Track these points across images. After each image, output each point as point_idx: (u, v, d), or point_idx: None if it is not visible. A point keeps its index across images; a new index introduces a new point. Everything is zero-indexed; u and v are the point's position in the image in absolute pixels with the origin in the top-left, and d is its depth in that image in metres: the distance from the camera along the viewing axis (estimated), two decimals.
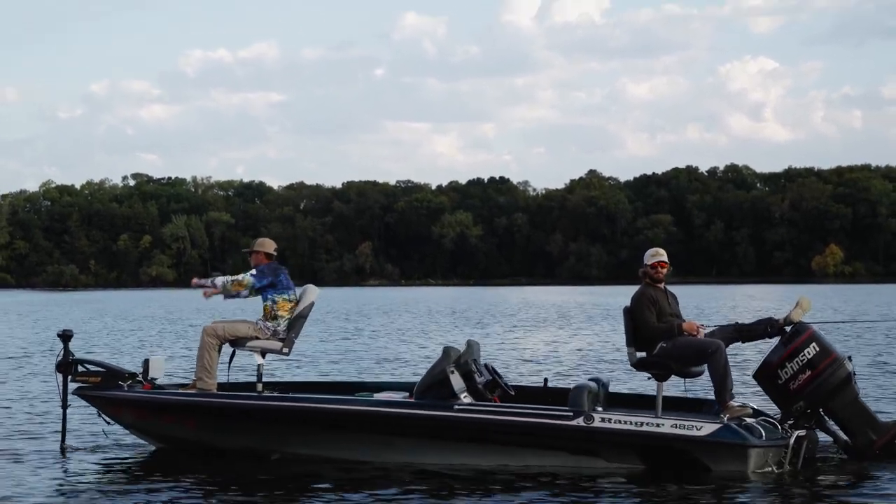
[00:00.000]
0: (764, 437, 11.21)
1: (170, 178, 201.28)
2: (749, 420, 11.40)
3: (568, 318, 47.98)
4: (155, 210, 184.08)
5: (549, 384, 13.47)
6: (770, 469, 11.22)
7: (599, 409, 11.59)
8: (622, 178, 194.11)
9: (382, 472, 11.39)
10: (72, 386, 12.66)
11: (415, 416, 11.70)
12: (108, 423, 12.90)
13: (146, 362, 12.81)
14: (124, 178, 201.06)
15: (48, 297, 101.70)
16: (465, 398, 11.61)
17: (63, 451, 12.67)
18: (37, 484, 11.08)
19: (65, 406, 12.70)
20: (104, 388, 12.53)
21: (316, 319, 39.85)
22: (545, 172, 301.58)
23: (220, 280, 12.65)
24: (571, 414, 11.35)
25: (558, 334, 35.80)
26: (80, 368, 12.66)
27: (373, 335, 35.77)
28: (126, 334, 37.43)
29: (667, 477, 11.06)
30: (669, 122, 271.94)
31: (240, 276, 12.63)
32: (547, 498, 10.38)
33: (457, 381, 11.63)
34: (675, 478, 11.02)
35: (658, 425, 11.24)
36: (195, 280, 12.93)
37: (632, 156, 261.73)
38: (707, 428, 11.13)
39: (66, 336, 12.59)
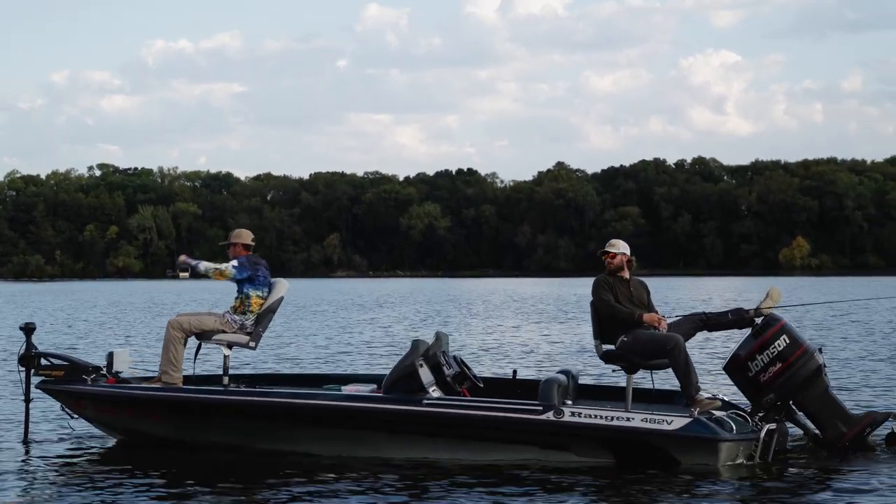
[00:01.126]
0: (734, 431, 11.13)
1: (136, 169, 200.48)
2: (719, 413, 11.31)
3: (537, 309, 47.99)
4: (121, 200, 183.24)
5: (518, 376, 13.37)
6: (741, 462, 11.18)
7: (569, 402, 11.51)
8: (587, 171, 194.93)
9: (350, 467, 11.22)
10: (35, 380, 12.47)
11: (382, 411, 11.56)
12: (72, 417, 12.71)
13: (110, 355, 12.66)
14: (90, 168, 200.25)
15: (15, 288, 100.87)
16: (434, 391, 11.50)
17: (26, 444, 12.48)
18: None
19: (27, 399, 12.49)
20: (67, 381, 12.36)
21: (286, 311, 39.62)
22: (508, 164, 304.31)
23: (202, 266, 12.50)
24: (541, 408, 11.24)
25: (527, 326, 35.79)
26: (44, 362, 12.46)
27: (341, 327, 35.61)
28: (92, 326, 37.12)
29: (637, 471, 10.97)
30: (632, 115, 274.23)
31: (222, 266, 12.47)
32: (516, 492, 10.26)
33: (425, 374, 11.52)
34: (645, 472, 10.94)
35: (628, 419, 11.16)
36: (183, 257, 12.75)
37: (595, 148, 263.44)
38: (677, 422, 11.05)
39: (28, 329, 12.38)
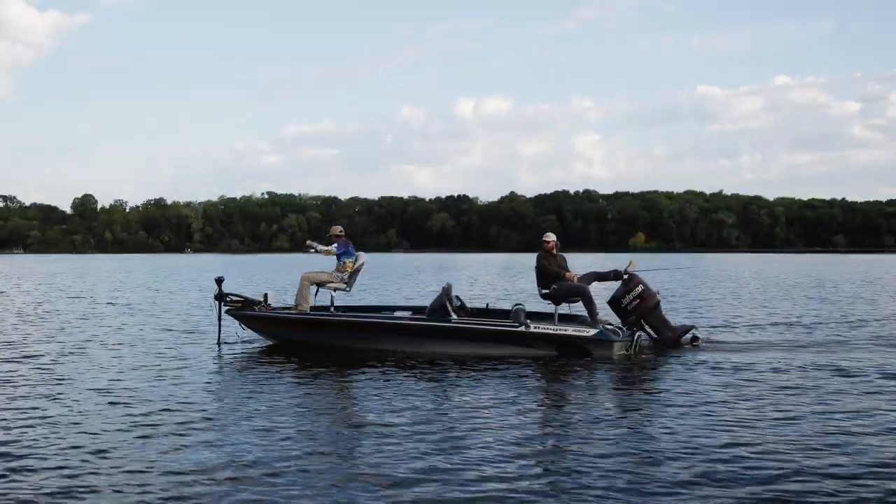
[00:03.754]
0: (621, 336, 10.92)
1: (287, 194, 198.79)
2: (609, 327, 11.09)
3: (494, 270, 47.57)
4: (278, 211, 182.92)
5: (490, 307, 12.84)
6: (623, 353, 10.88)
7: (528, 321, 11.05)
8: None
9: (406, 358, 10.68)
10: (224, 309, 11.97)
11: (431, 326, 11.12)
12: (244, 329, 12.25)
13: (265, 295, 12.17)
14: (262, 193, 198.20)
15: (223, 260, 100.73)
16: (454, 316, 11.09)
17: (219, 344, 11.97)
18: (203, 360, 10.54)
19: (220, 319, 11.99)
20: (244, 309, 11.88)
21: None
22: None
23: (321, 248, 12.06)
24: (518, 324, 10.92)
25: (490, 280, 35.30)
26: (229, 298, 11.98)
27: (388, 281, 35.11)
28: (256, 281, 36.63)
29: (570, 359, 10.61)
30: None
31: (331, 248, 12.07)
32: (502, 368, 9.86)
33: (449, 306, 11.12)
34: (573, 360, 10.58)
35: (566, 330, 10.85)
36: (309, 241, 12.21)
37: None
38: (591, 331, 10.84)
39: (219, 280, 11.91)
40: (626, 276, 11.71)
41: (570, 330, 10.87)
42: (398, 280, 34.73)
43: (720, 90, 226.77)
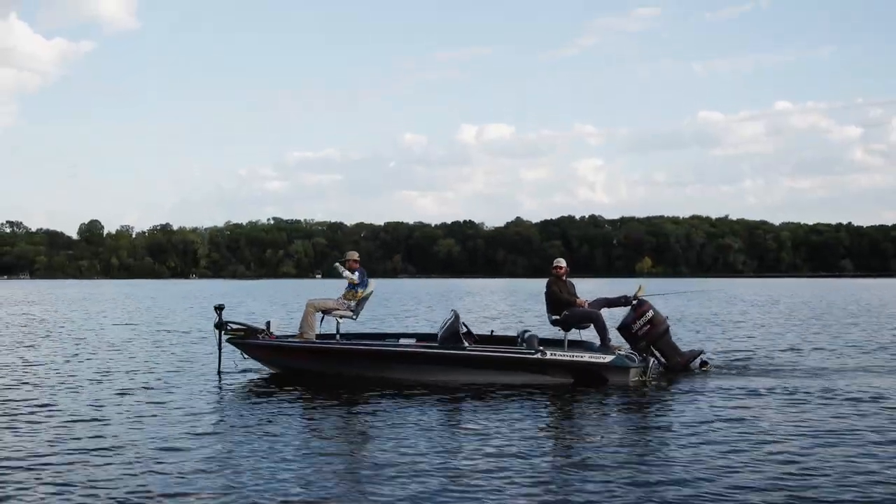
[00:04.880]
0: (636, 362, 10.76)
1: (293, 220, 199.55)
2: (623, 352, 10.94)
3: (497, 294, 47.22)
4: (285, 236, 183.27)
5: (495, 333, 12.56)
6: (637, 379, 10.71)
7: (542, 347, 10.81)
8: None
9: (417, 387, 10.44)
10: (224, 338, 11.63)
11: (444, 354, 10.85)
12: (245, 358, 11.87)
13: (268, 323, 11.86)
14: (268, 219, 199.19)
15: (227, 286, 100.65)
16: (466, 344, 10.83)
17: (219, 373, 11.66)
18: (203, 390, 10.29)
19: (220, 348, 11.67)
20: (246, 337, 11.57)
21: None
22: None
23: (346, 274, 11.80)
24: (533, 351, 10.69)
25: (496, 302, 35.01)
26: (230, 326, 11.68)
27: (398, 307, 34.84)
28: (262, 306, 36.45)
29: (587, 386, 10.47)
30: None
31: (355, 275, 11.78)
32: (519, 397, 9.70)
33: (461, 334, 10.91)
34: (590, 387, 10.45)
35: (582, 356, 10.64)
36: (338, 265, 11.91)
37: None
38: (608, 357, 10.67)
39: (219, 307, 11.56)
40: (635, 302, 11.58)
41: (587, 357, 10.66)
42: (402, 306, 34.45)
43: (721, 115, 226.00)
